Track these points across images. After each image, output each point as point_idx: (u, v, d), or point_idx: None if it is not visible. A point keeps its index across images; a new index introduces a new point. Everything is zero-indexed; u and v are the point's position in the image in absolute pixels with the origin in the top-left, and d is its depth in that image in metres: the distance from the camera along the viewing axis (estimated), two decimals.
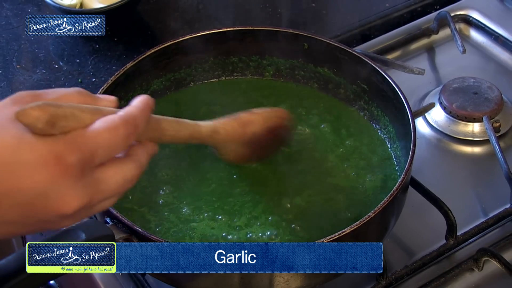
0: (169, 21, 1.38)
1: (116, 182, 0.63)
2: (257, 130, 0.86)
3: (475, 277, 0.94)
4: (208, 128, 0.78)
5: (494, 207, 1.02)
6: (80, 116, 0.59)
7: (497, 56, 1.30)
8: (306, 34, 1.05)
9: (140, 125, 0.64)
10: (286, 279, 0.80)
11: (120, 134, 0.62)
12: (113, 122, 0.61)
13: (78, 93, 0.64)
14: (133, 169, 0.65)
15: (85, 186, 0.59)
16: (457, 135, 1.13)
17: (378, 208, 0.80)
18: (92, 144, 0.59)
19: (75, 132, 0.59)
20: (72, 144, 0.58)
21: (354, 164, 0.97)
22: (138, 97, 0.67)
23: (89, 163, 0.60)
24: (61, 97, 0.62)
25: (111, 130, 0.61)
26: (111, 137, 0.61)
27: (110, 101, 0.66)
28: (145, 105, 0.66)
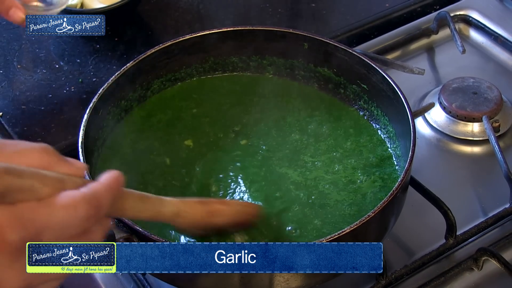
0: (170, 21, 1.39)
1: None
2: (223, 222, 0.81)
3: (474, 277, 0.94)
4: (171, 210, 0.72)
5: (493, 207, 1.02)
6: (38, 189, 0.53)
7: (497, 56, 1.30)
8: (306, 34, 1.06)
9: (103, 207, 0.57)
10: (286, 278, 0.80)
11: (79, 215, 0.54)
12: (74, 200, 0.54)
13: (43, 151, 0.57)
14: None
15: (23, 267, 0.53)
16: (457, 135, 1.13)
17: (377, 207, 0.80)
18: (42, 222, 0.53)
19: (25, 205, 0.52)
20: (18, 219, 0.52)
21: (354, 163, 0.97)
22: (108, 172, 0.59)
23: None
24: (24, 154, 0.55)
25: (69, 209, 0.54)
26: (67, 217, 0.54)
27: (77, 168, 0.59)
28: (113, 184, 0.58)
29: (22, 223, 0.52)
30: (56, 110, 1.20)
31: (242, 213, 0.84)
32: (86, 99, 1.20)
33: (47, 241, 0.54)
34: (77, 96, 1.22)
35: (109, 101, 0.99)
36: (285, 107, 1.06)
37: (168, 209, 0.72)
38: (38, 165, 0.55)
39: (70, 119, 1.17)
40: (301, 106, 1.07)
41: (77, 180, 0.57)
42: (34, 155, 0.56)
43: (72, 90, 1.24)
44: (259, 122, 1.04)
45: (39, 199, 0.53)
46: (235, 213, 0.83)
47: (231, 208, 0.83)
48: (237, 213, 0.84)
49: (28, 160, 0.55)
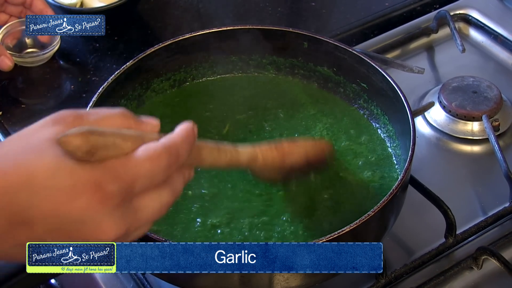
0: (169, 20, 1.39)
1: (153, 209, 0.61)
2: (297, 161, 0.84)
3: (474, 276, 0.94)
4: (246, 155, 0.75)
5: (493, 206, 1.02)
6: (121, 145, 0.57)
7: (497, 55, 1.30)
8: (305, 33, 1.06)
9: (182, 156, 0.62)
10: (286, 277, 0.80)
11: (162, 164, 0.59)
12: (155, 151, 0.59)
13: (121, 115, 0.61)
14: (169, 195, 0.62)
15: (123, 215, 0.58)
16: (457, 134, 1.13)
17: (377, 207, 0.80)
18: (133, 173, 0.58)
19: (116, 160, 0.57)
20: (113, 173, 0.56)
21: (354, 162, 0.97)
22: (183, 124, 0.64)
23: (128, 192, 0.58)
24: (104, 119, 0.60)
25: (153, 159, 0.59)
26: (152, 167, 0.59)
27: (153, 125, 0.63)
28: (189, 134, 0.63)
29: (118, 176, 0.56)
30: (55, 109, 1.19)
31: (314, 150, 0.87)
32: (85, 98, 1.20)
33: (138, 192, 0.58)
34: (76, 95, 1.22)
35: (108, 100, 0.98)
36: (285, 106, 1.06)
37: (244, 156, 0.74)
38: (119, 126, 0.60)
39: None
40: (300, 104, 1.07)
41: (154, 135, 0.62)
42: (115, 119, 0.61)
43: (71, 89, 1.24)
44: (259, 121, 1.04)
45: (124, 153, 0.58)
46: (307, 151, 0.85)
47: (302, 147, 0.85)
48: (309, 150, 0.86)
49: (110, 123, 0.60)
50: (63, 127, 0.58)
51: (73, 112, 0.60)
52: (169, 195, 0.62)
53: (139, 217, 0.60)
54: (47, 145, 0.56)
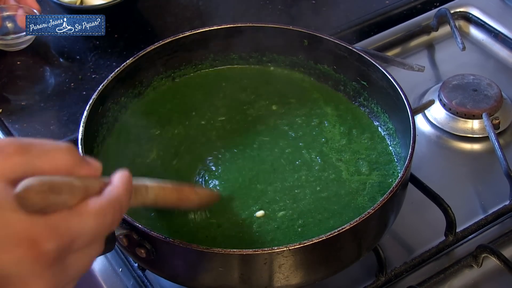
0: (169, 17, 1.39)
1: (83, 266, 0.57)
2: (189, 206, 0.87)
3: (474, 274, 0.94)
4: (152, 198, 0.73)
5: (493, 204, 1.02)
6: (70, 201, 0.54)
7: (497, 53, 1.30)
8: (306, 31, 1.06)
9: (125, 208, 0.59)
10: (286, 275, 0.80)
11: (107, 220, 0.56)
12: (101, 207, 0.56)
13: (67, 152, 0.57)
14: (99, 248, 0.59)
15: (53, 274, 0.54)
16: (457, 132, 1.13)
17: (377, 204, 0.80)
18: (75, 231, 0.54)
19: (59, 216, 0.53)
20: (54, 230, 0.52)
21: (354, 160, 0.97)
22: (119, 173, 0.61)
23: (65, 251, 0.54)
24: (48, 155, 0.56)
25: (99, 216, 0.55)
26: (97, 224, 0.55)
27: (96, 169, 0.59)
28: (128, 184, 0.60)
29: (59, 234, 0.53)
30: (56, 106, 1.20)
31: (205, 201, 0.88)
32: (85, 95, 1.20)
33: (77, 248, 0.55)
34: (76, 92, 1.22)
35: (109, 98, 0.99)
36: (284, 103, 1.06)
37: (150, 198, 0.74)
38: (63, 166, 0.56)
39: (69, 116, 1.17)
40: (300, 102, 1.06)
41: (96, 183, 0.58)
42: (60, 156, 0.56)
43: (71, 86, 1.24)
44: (260, 118, 1.04)
45: (69, 207, 0.54)
46: (200, 202, 0.87)
47: (199, 198, 0.86)
48: (202, 201, 0.87)
49: (55, 161, 0.56)
50: (2, 159, 0.53)
51: (14, 141, 0.56)
52: (99, 248, 0.59)
53: (69, 274, 0.56)
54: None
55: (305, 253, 0.79)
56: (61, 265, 0.54)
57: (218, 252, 0.77)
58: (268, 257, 0.77)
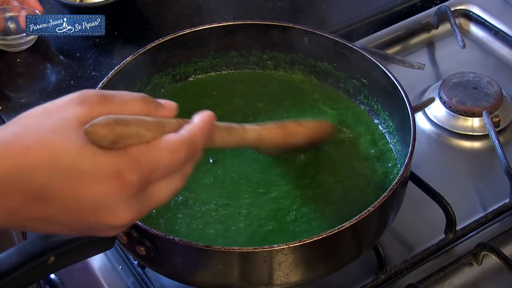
0: (169, 15, 1.39)
1: (164, 195, 0.63)
2: (300, 141, 0.87)
3: (474, 272, 0.94)
4: (254, 135, 0.79)
5: (493, 202, 1.02)
6: (144, 134, 0.59)
7: (497, 51, 1.30)
8: (306, 28, 1.05)
9: (200, 148, 0.64)
10: (286, 273, 0.80)
11: (181, 156, 0.61)
12: (175, 144, 0.61)
13: (142, 100, 0.63)
14: (180, 180, 0.64)
15: (137, 202, 0.59)
16: (457, 130, 1.13)
17: (377, 202, 0.80)
18: (153, 164, 0.59)
19: (138, 149, 0.59)
20: (134, 162, 0.58)
21: (354, 157, 0.97)
22: (202, 113, 0.66)
23: (146, 182, 0.59)
24: (127, 104, 0.61)
25: (173, 152, 0.61)
26: (172, 159, 0.61)
27: (171, 110, 0.65)
28: (208, 125, 0.65)
29: (139, 166, 0.58)
30: None
31: (317, 131, 0.91)
32: None
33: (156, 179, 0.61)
34: (76, 90, 1.21)
35: None
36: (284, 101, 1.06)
37: (251, 136, 0.77)
38: (140, 111, 0.62)
39: None
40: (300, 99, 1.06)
41: (174, 122, 0.63)
42: (137, 104, 0.62)
43: (71, 84, 1.24)
44: (258, 115, 1.04)
45: (146, 142, 0.59)
46: (311, 132, 0.89)
47: (306, 128, 0.89)
48: (312, 132, 0.90)
49: (132, 108, 0.61)
50: (87, 108, 0.59)
51: (97, 93, 0.61)
52: (180, 180, 0.64)
53: (151, 202, 0.62)
54: (72, 127, 0.57)
55: (305, 251, 0.79)
56: (143, 194, 0.60)
57: (218, 250, 0.77)
58: (268, 255, 0.77)
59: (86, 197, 0.56)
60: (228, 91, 1.08)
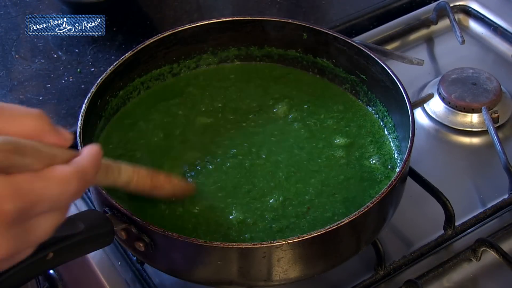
0: (168, 11, 1.38)
1: (45, 230, 0.57)
2: (162, 194, 0.86)
3: (473, 267, 0.94)
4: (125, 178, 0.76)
5: (492, 198, 1.02)
6: (34, 165, 0.55)
7: (496, 47, 1.30)
8: (305, 24, 1.05)
9: (89, 181, 0.60)
10: (285, 269, 0.80)
11: (71, 189, 0.56)
12: (66, 175, 0.56)
13: (38, 118, 0.58)
14: (62, 215, 0.59)
15: (13, 236, 0.54)
16: (456, 125, 1.13)
17: (376, 198, 0.80)
18: (37, 195, 0.54)
19: (23, 177, 0.53)
20: (16, 191, 0.53)
21: (353, 154, 0.97)
22: (89, 147, 0.62)
23: (26, 214, 0.54)
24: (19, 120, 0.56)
25: (63, 183, 0.56)
26: (60, 191, 0.56)
27: (66, 140, 0.60)
28: (97, 158, 0.61)
29: (20, 194, 0.53)
30: (54, 100, 1.20)
31: (180, 191, 0.89)
32: (84, 89, 1.20)
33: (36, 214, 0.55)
34: (75, 86, 1.22)
35: (107, 91, 0.98)
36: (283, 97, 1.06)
37: (123, 178, 0.76)
38: (32, 132, 0.57)
39: (68, 109, 1.17)
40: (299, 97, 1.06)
41: (65, 153, 0.59)
42: (30, 121, 0.57)
43: (70, 80, 1.24)
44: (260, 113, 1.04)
45: (34, 171, 0.55)
46: (174, 191, 0.88)
47: (173, 187, 0.88)
48: (176, 191, 0.89)
49: (23, 126, 0.57)
50: None
51: None
52: (61, 215, 0.59)
53: (30, 238, 0.56)
54: None
55: (303, 247, 0.79)
56: (21, 227, 0.54)
57: (217, 246, 0.76)
58: (267, 250, 0.77)
59: None
60: (227, 86, 1.08)
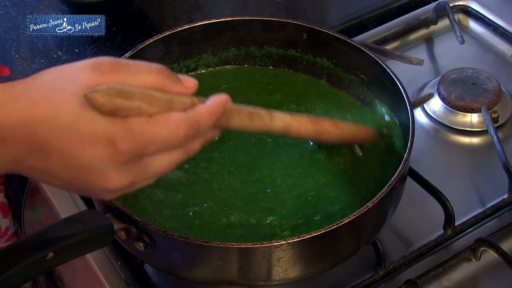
0: (168, 11, 1.38)
1: (161, 166, 0.64)
2: (329, 140, 0.86)
3: (472, 267, 0.94)
4: (281, 124, 0.78)
5: (492, 197, 1.02)
6: (146, 109, 0.60)
7: (496, 46, 1.30)
8: (305, 24, 1.05)
9: (203, 128, 0.64)
10: (285, 269, 0.80)
11: (179, 134, 0.62)
12: (176, 121, 0.61)
13: (158, 72, 0.63)
14: (181, 155, 0.65)
15: (130, 170, 0.61)
16: (456, 125, 1.13)
17: (376, 198, 0.80)
18: (148, 138, 0.60)
19: (136, 121, 0.60)
20: (129, 133, 0.59)
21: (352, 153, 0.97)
22: (217, 96, 0.66)
23: (139, 153, 0.61)
24: (140, 74, 0.62)
25: (171, 128, 0.61)
26: (169, 135, 0.61)
27: (188, 86, 0.65)
28: (217, 108, 0.65)
29: (132, 136, 0.59)
30: None
31: (351, 137, 0.89)
32: None
33: (151, 152, 0.62)
34: None
35: None
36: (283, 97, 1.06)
37: (277, 124, 0.77)
38: (152, 85, 0.62)
39: None
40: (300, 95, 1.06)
41: (186, 100, 0.63)
42: (151, 76, 0.62)
43: None
44: None
45: (148, 115, 0.60)
46: (344, 136, 0.88)
47: (341, 131, 0.88)
48: (346, 136, 0.89)
49: (144, 80, 0.62)
50: (98, 75, 0.60)
51: (111, 61, 0.62)
52: (181, 155, 0.65)
53: (147, 171, 0.63)
54: (78, 90, 0.59)
55: (303, 246, 0.79)
56: (137, 163, 0.61)
57: (216, 246, 0.77)
58: (266, 250, 0.77)
59: (80, 157, 0.59)
60: (226, 87, 1.08)
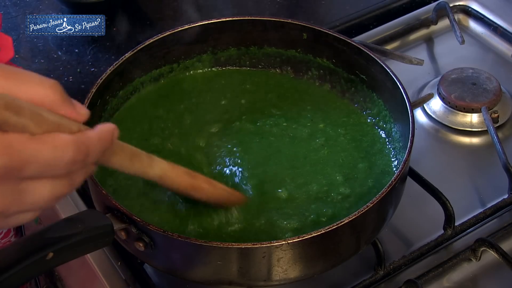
0: (168, 11, 1.38)
1: (42, 197, 0.56)
2: (203, 199, 0.83)
3: (472, 267, 0.94)
4: (157, 172, 0.74)
5: (492, 198, 1.02)
6: (32, 129, 0.54)
7: (496, 46, 1.30)
8: (304, 24, 1.05)
9: (91, 156, 0.58)
10: (285, 269, 0.80)
11: (66, 157, 0.55)
12: (63, 141, 0.55)
13: (51, 88, 0.57)
14: (64, 187, 0.58)
15: (2, 193, 0.54)
16: (456, 125, 1.13)
17: (376, 198, 0.80)
18: (28, 156, 0.53)
19: (17, 137, 0.53)
20: (6, 148, 0.52)
21: (353, 154, 0.97)
22: (104, 124, 0.61)
23: (14, 173, 0.53)
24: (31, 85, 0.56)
25: (57, 148, 0.55)
26: (54, 157, 0.55)
27: (79, 113, 0.59)
28: (106, 136, 0.60)
29: (9, 152, 0.52)
30: None
31: (224, 198, 0.86)
32: (84, 89, 1.20)
33: (28, 176, 0.54)
34: (75, 86, 1.22)
35: (107, 92, 0.98)
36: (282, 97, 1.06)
37: (154, 171, 0.74)
38: (41, 100, 0.56)
39: None
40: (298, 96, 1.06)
41: (73, 125, 0.58)
42: (42, 89, 0.56)
43: (70, 80, 1.24)
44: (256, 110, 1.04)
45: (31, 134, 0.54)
46: (217, 196, 0.85)
47: (215, 191, 0.85)
48: (219, 196, 0.85)
49: (34, 93, 0.56)
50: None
51: (2, 67, 0.56)
52: (64, 187, 0.58)
53: (24, 200, 0.56)
54: None
55: (303, 246, 0.79)
56: (14, 186, 0.54)
57: (216, 246, 0.76)
58: (266, 250, 0.77)
59: None
60: (226, 87, 1.08)
